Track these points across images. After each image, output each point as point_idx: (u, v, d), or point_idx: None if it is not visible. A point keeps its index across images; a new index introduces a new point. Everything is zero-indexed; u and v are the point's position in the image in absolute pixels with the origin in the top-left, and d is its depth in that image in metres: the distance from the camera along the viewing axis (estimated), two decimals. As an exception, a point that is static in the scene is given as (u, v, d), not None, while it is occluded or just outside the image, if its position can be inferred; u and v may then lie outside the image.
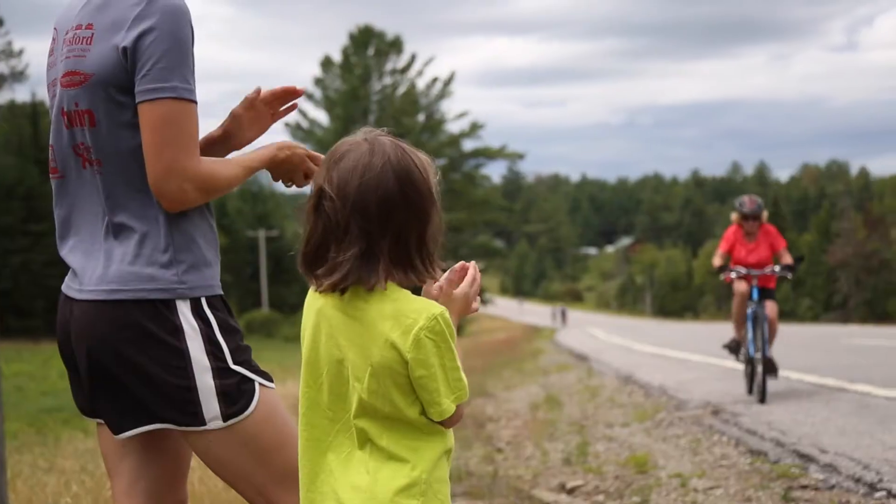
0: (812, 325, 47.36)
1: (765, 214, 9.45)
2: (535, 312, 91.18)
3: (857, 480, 4.91)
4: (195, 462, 4.09)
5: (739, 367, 12.86)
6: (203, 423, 2.15)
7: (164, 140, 2.10)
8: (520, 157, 65.90)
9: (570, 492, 5.39)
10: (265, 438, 2.21)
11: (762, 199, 9.68)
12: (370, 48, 58.26)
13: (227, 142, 2.45)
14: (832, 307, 64.07)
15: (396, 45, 58.29)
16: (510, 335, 39.45)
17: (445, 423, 1.85)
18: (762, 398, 8.43)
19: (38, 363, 23.81)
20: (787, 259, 9.18)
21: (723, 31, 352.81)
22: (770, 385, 10.09)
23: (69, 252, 2.27)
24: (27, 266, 39.37)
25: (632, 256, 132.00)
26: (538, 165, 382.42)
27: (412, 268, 1.82)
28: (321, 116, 57.80)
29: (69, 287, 2.25)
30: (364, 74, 57.45)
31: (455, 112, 59.19)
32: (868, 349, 16.27)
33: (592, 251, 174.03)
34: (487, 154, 58.85)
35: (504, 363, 18.82)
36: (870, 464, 5.23)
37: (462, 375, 1.85)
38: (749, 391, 9.05)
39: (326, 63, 58.42)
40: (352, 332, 1.82)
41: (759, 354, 8.63)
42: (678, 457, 6.18)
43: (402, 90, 58.00)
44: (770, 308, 8.95)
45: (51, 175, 2.32)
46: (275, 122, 2.53)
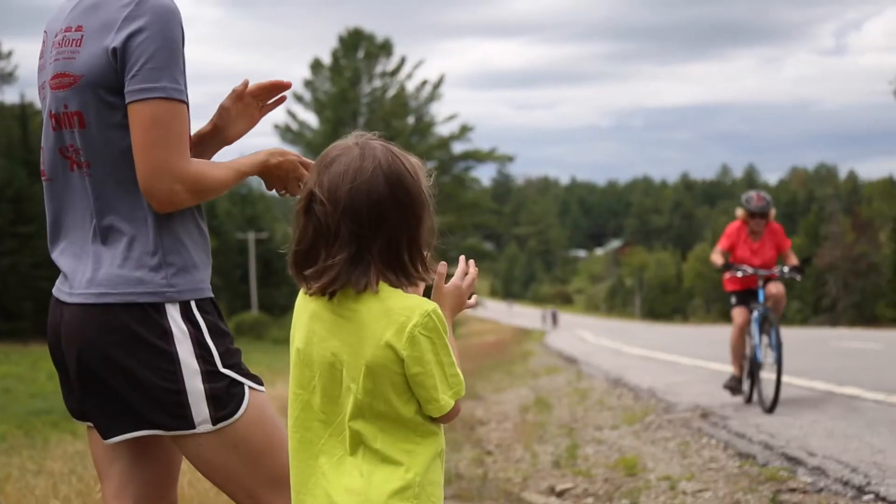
0: (801, 329, 47.49)
1: (773, 212, 8.75)
2: (525, 315, 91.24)
3: (846, 483, 4.93)
4: (185, 465, 4.08)
5: (728, 370, 12.91)
6: (192, 427, 2.15)
7: (154, 140, 2.10)
8: (509, 160, 65.93)
9: (560, 494, 5.40)
10: (255, 441, 2.21)
11: (770, 197, 8.87)
12: (360, 51, 58.23)
13: (217, 136, 2.44)
14: (821, 310, 64.24)
15: (386, 48, 58.27)
16: (500, 338, 39.48)
17: (443, 419, 1.86)
18: (772, 407, 7.82)
19: (27, 365, 23.74)
20: (793, 260, 8.69)
21: (713, 35, 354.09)
22: (764, 390, 10.10)
23: (59, 255, 2.27)
24: (16, 268, 39.22)
25: (621, 259, 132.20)
26: (528, 168, 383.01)
27: (403, 271, 1.83)
28: (311, 119, 57.80)
29: (60, 290, 2.25)
30: (354, 77, 57.42)
31: (445, 114, 59.34)
32: (856, 352, 16.33)
33: (582, 254, 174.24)
34: (477, 156, 58.89)
35: (494, 366, 18.83)
36: (858, 467, 5.26)
37: (458, 371, 1.85)
38: (749, 398, 8.58)
39: (316, 65, 58.37)
40: (345, 333, 1.83)
41: (772, 360, 8.01)
42: (667, 460, 6.20)
43: (392, 93, 57.99)
44: (776, 287, 8.43)
45: (42, 178, 2.31)
46: (263, 116, 2.53)
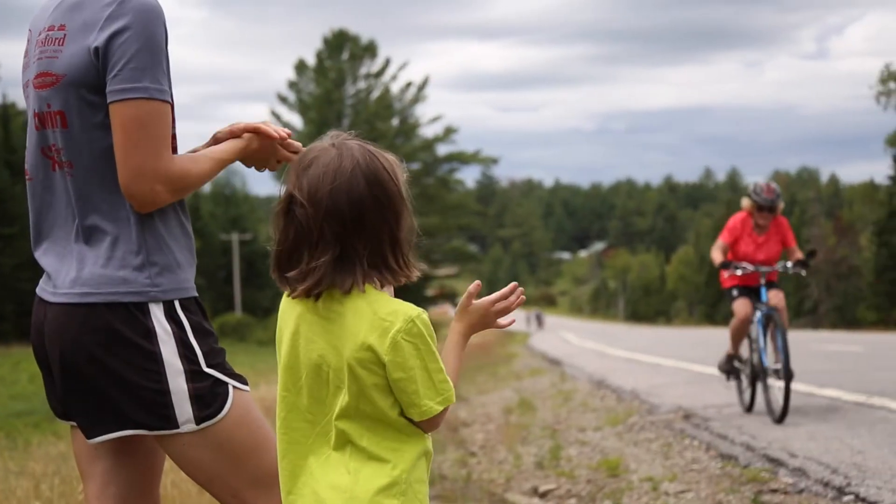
0: (783, 331, 47.66)
1: (781, 206, 8.12)
2: (509, 317, 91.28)
3: (826, 484, 4.96)
4: (167, 465, 4.07)
5: (711, 371, 12.95)
6: (176, 427, 2.15)
7: (135, 141, 2.09)
8: (493, 162, 65.90)
9: (543, 495, 5.41)
10: (239, 441, 2.21)
11: (779, 188, 8.24)
12: (344, 52, 58.15)
13: None
14: (803, 313, 64.53)
15: (371, 50, 58.22)
16: (484, 339, 39.42)
17: (426, 425, 1.86)
18: (782, 417, 7.18)
19: (9, 367, 23.60)
20: (798, 255, 8.15)
21: (696, 38, 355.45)
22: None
23: (43, 255, 2.26)
24: (-3, 269, 38.97)
25: (605, 261, 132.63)
26: (512, 170, 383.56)
27: (388, 269, 1.84)
28: (295, 120, 57.63)
29: (43, 290, 2.24)
30: (338, 78, 57.33)
31: (429, 116, 59.10)
32: (838, 355, 16.41)
33: (566, 256, 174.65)
34: (461, 158, 58.88)
35: (478, 367, 18.84)
36: (838, 468, 5.29)
37: (447, 377, 1.85)
38: (749, 407, 8.12)
39: (300, 66, 58.26)
40: (330, 336, 1.83)
41: (779, 366, 7.34)
42: (650, 461, 6.22)
43: (377, 94, 57.92)
44: (776, 296, 7.89)
45: (25, 177, 2.31)
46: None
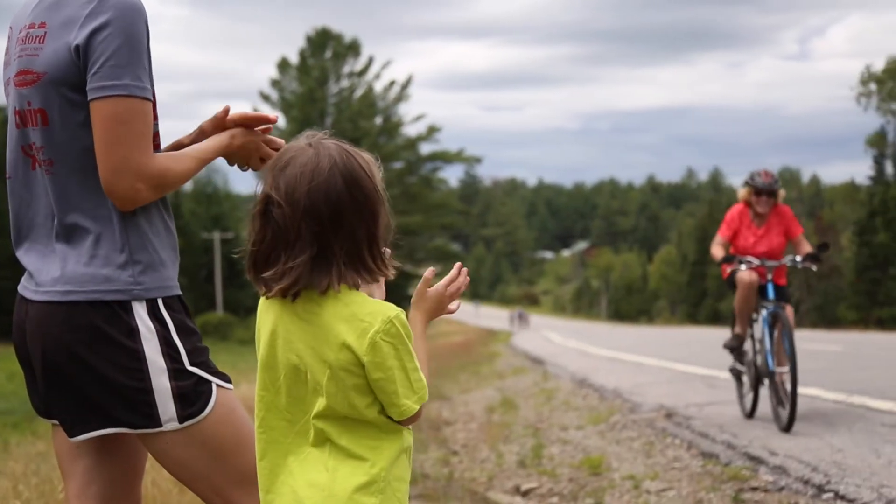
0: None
1: (782, 193, 7.57)
2: (492, 316, 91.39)
3: (806, 482, 4.99)
4: (148, 464, 4.06)
5: (693, 370, 13.00)
6: (159, 425, 2.14)
7: (116, 138, 2.08)
8: (477, 161, 66.06)
9: (525, 494, 5.42)
10: (223, 440, 2.20)
11: (777, 176, 7.64)
12: (327, 50, 58.07)
13: None
14: (784, 312, 64.82)
15: (354, 48, 58.15)
16: (466, 338, 39.51)
17: (405, 422, 1.88)
18: (789, 425, 6.62)
19: (-12, 366, 23.41)
20: (806, 247, 7.51)
21: (678, 39, 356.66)
22: (726, 390, 10.19)
23: (24, 254, 2.25)
24: (-24, 268, 38.71)
25: (588, 261, 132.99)
26: (495, 169, 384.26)
27: (365, 267, 1.84)
28: (278, 118, 57.54)
29: (25, 288, 2.23)
30: (321, 77, 57.25)
31: (412, 115, 59.23)
32: (818, 354, 16.50)
33: (549, 255, 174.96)
34: (445, 158, 58.92)
35: (460, 367, 18.85)
36: (818, 466, 5.33)
37: (422, 376, 1.87)
38: (751, 413, 7.56)
39: (283, 65, 58.14)
40: (308, 337, 1.84)
41: (785, 369, 6.86)
42: (631, 459, 6.24)
43: (360, 93, 57.88)
44: (788, 313, 7.13)
45: (6, 176, 2.29)
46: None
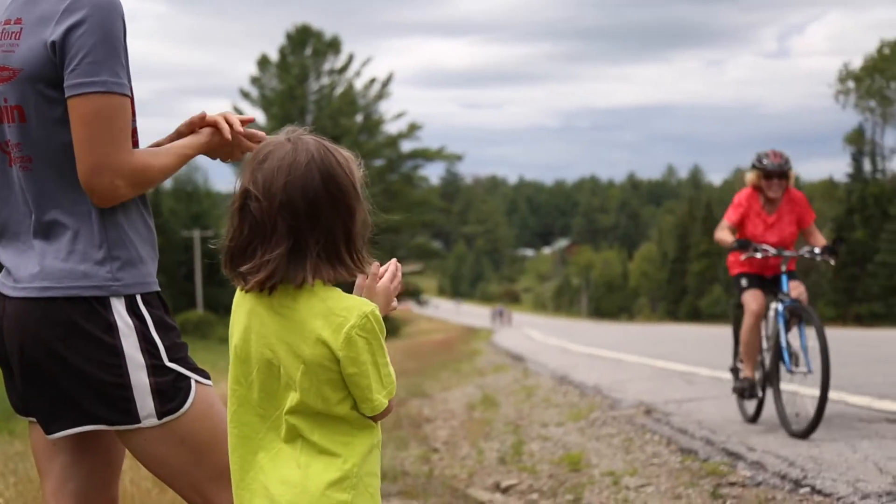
0: (743, 327, 48.17)
1: (793, 175, 6.90)
2: (473, 314, 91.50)
3: (783, 477, 5.03)
4: (127, 463, 4.05)
5: (673, 367, 13.07)
6: (137, 421, 2.14)
7: (94, 135, 2.08)
8: (458, 159, 66.19)
9: (505, 491, 5.44)
10: (202, 436, 2.21)
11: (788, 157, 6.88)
12: (308, 48, 57.99)
13: None
14: (763, 309, 65.23)
15: (334, 45, 58.11)
16: (447, 336, 39.56)
17: (376, 418, 1.89)
18: (810, 431, 6.04)
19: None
20: (819, 238, 6.95)
21: (659, 37, 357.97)
22: (705, 387, 10.25)
23: (2, 250, 2.24)
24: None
25: (568, 258, 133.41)
26: (476, 167, 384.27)
27: (341, 263, 1.85)
28: (258, 116, 57.37)
29: (3, 284, 2.22)
30: (301, 74, 57.16)
31: (393, 113, 59.28)
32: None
33: (529, 253, 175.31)
34: (425, 155, 58.99)
35: (441, 364, 18.86)
36: (795, 461, 5.37)
37: (392, 371, 1.88)
38: (755, 417, 6.96)
39: (263, 62, 58.01)
40: (283, 331, 1.84)
41: (805, 369, 6.36)
42: (611, 455, 6.27)
43: (340, 90, 57.87)
44: (796, 288, 6.65)
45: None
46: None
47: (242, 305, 1.91)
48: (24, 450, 6.61)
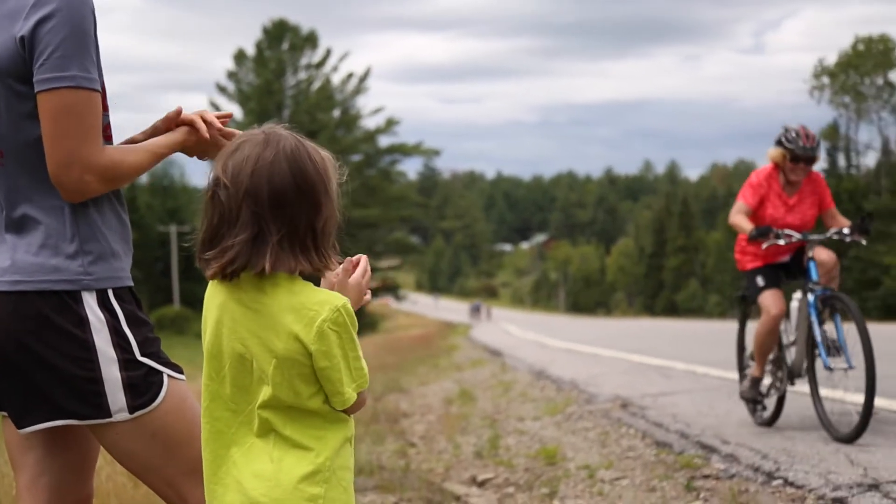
0: (720, 321, 48.49)
1: (819, 158, 6.38)
2: (451, 309, 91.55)
3: (756, 469, 5.08)
4: (103, 458, 4.04)
5: (649, 361, 13.13)
6: (109, 416, 2.14)
7: (64, 130, 2.07)
8: (435, 154, 66.16)
9: (481, 484, 5.46)
10: (174, 430, 2.20)
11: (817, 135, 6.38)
12: (284, 42, 57.75)
13: None
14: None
15: (311, 40, 57.89)
16: (425, 331, 39.56)
17: (348, 411, 1.90)
18: (858, 433, 5.49)
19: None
20: (842, 220, 6.45)
21: (635, 32, 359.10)
22: (681, 381, 10.32)
23: (-26, 245, 2.23)
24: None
25: (546, 253, 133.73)
26: (454, 162, 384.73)
27: (304, 256, 1.85)
28: (235, 110, 57.12)
29: (-25, 278, 2.21)
30: (278, 69, 56.93)
31: (371, 108, 59.20)
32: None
33: (507, 248, 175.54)
34: (403, 150, 58.87)
35: (419, 359, 18.87)
36: (768, 453, 5.42)
37: (363, 364, 1.89)
38: (771, 421, 6.42)
39: (240, 56, 57.73)
40: (254, 325, 1.85)
41: (845, 365, 5.75)
42: (587, 449, 6.31)
43: (317, 85, 57.66)
44: (825, 252, 6.20)
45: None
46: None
47: (214, 300, 1.91)
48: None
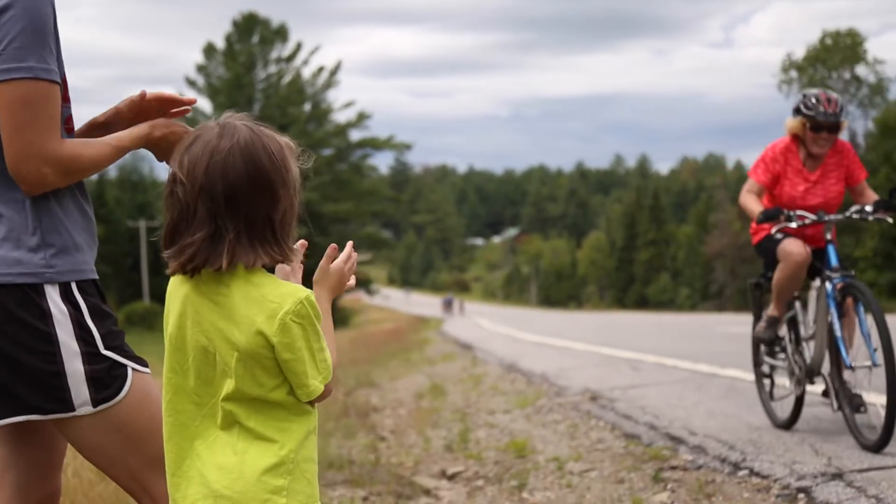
0: (690, 314, 48.86)
1: (845, 125, 5.69)
2: (423, 303, 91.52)
3: (723, 460, 5.13)
4: (71, 454, 4.01)
5: (619, 354, 13.19)
6: (72, 409, 2.13)
7: (21, 122, 2.06)
8: (407, 148, 65.96)
9: (451, 478, 5.48)
10: (138, 424, 2.20)
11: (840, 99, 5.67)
12: (254, 35, 57.42)
13: (109, 129, 2.40)
14: (709, 296, 66.21)
15: (281, 34, 57.59)
16: (397, 326, 39.56)
17: (313, 402, 1.90)
18: (885, 440, 4.86)
19: None
20: (872, 195, 5.74)
21: (606, 26, 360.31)
22: (650, 373, 10.38)
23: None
24: None
25: (518, 247, 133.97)
26: (426, 156, 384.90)
27: (263, 249, 1.84)
28: (204, 104, 56.73)
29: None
30: (248, 62, 56.61)
31: (342, 102, 59.00)
32: (740, 336, 16.83)
33: (479, 242, 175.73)
34: (374, 144, 58.75)
35: (391, 354, 18.86)
36: (735, 444, 5.47)
37: (328, 356, 1.89)
38: (789, 423, 5.80)
39: (209, 50, 57.35)
40: (217, 318, 1.85)
41: (869, 363, 5.07)
42: (556, 441, 6.34)
43: (288, 79, 57.38)
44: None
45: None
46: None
47: (177, 293, 1.91)
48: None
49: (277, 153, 1.87)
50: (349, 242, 2.07)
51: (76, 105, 2.30)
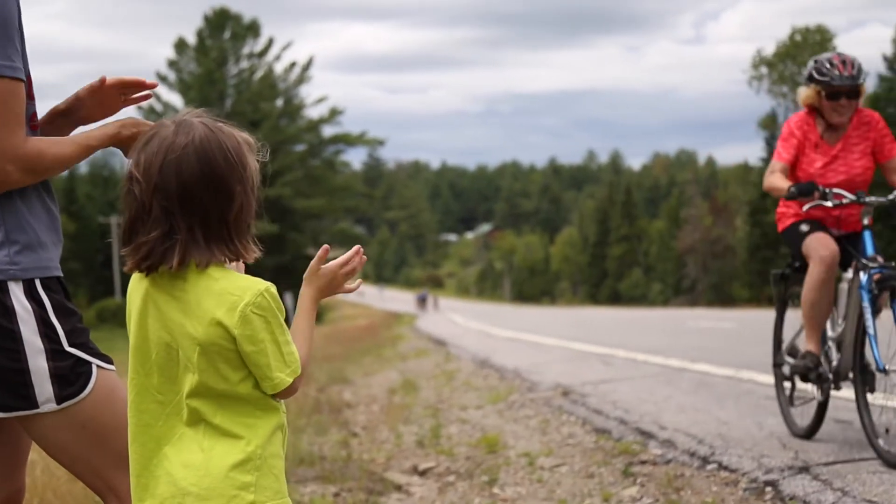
0: (662, 309, 49.16)
1: (865, 91, 5.09)
2: (397, 299, 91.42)
3: (692, 454, 5.17)
4: (40, 452, 3.99)
5: (590, 349, 13.27)
6: (35, 407, 2.12)
7: None
8: (380, 144, 65.92)
9: (422, 473, 5.49)
10: (103, 421, 2.19)
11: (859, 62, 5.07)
12: (226, 31, 57.10)
13: (71, 117, 2.40)
14: (681, 291, 66.63)
15: (253, 29, 57.32)
16: (371, 322, 39.51)
17: (281, 396, 1.89)
18: None
19: None
20: None
21: (578, 22, 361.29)
22: (622, 368, 10.44)
23: None
24: None
25: (491, 243, 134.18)
26: (398, 152, 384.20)
27: (219, 247, 1.85)
28: (175, 100, 56.38)
29: None
30: (220, 58, 56.28)
31: (314, 97, 58.72)
32: (711, 331, 17.01)
33: (452, 238, 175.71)
34: (347, 140, 58.58)
35: (364, 350, 18.86)
36: (704, 438, 5.52)
37: (295, 349, 1.89)
38: (810, 433, 5.19)
39: (180, 45, 56.95)
40: (178, 313, 1.85)
41: None
42: (527, 437, 6.37)
43: (260, 74, 57.11)
44: None
45: None
46: (125, 107, 2.48)
47: (137, 290, 1.91)
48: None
49: (234, 150, 1.86)
50: (356, 246, 2.06)
51: (47, 100, 2.30)
